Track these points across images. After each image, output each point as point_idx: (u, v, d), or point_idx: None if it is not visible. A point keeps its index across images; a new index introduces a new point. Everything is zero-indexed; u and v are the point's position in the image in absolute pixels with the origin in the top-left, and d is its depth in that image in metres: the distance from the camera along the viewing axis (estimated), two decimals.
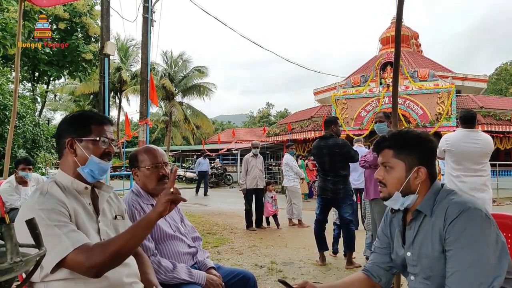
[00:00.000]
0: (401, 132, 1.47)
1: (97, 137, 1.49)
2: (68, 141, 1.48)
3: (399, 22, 3.09)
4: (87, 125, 1.50)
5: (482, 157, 3.83)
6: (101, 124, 1.52)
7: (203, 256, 2.13)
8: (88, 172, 1.48)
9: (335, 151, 4.51)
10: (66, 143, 1.48)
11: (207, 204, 11.59)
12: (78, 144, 1.48)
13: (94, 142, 1.49)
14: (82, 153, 1.47)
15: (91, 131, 1.49)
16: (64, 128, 1.52)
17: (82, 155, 1.47)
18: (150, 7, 9.73)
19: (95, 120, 1.52)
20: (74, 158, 1.48)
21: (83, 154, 1.47)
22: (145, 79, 9.57)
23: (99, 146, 1.49)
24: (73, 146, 1.48)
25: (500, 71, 40.47)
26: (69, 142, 1.48)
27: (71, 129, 1.50)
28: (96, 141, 1.49)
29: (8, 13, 9.10)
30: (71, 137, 1.48)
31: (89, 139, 1.48)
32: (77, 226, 1.38)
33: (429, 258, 1.35)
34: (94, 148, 1.48)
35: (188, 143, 36.86)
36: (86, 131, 1.49)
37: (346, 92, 16.60)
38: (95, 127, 1.50)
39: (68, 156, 1.49)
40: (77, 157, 1.48)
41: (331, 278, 4.07)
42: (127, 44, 28.55)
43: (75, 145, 1.48)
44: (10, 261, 0.68)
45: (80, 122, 1.51)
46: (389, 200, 1.45)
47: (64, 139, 1.49)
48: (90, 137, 1.48)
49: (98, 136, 1.49)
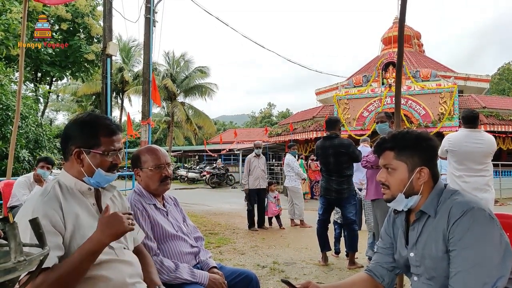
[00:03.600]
0: (401, 133, 1.46)
1: (105, 150, 1.45)
2: (75, 151, 1.44)
3: (402, 22, 3.09)
4: (97, 136, 1.45)
5: (485, 157, 3.82)
6: (111, 135, 1.48)
7: (206, 256, 2.13)
8: (94, 183, 1.47)
9: (341, 151, 4.50)
10: (73, 152, 1.44)
11: (209, 204, 11.59)
12: (86, 155, 1.44)
13: (102, 155, 1.45)
14: (89, 165, 1.44)
15: (100, 143, 1.45)
16: (72, 133, 1.47)
17: (89, 166, 1.45)
18: (152, 8, 9.73)
19: (105, 131, 1.47)
20: (80, 168, 1.45)
21: (90, 165, 1.44)
22: (147, 79, 9.58)
23: (106, 159, 1.46)
24: (80, 156, 1.45)
25: (502, 71, 40.33)
26: (76, 153, 1.44)
27: (79, 137, 1.45)
28: (105, 154, 1.45)
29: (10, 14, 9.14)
30: (79, 147, 1.44)
31: (97, 152, 1.44)
32: (77, 228, 1.37)
33: (433, 258, 1.34)
34: (101, 161, 1.45)
35: (190, 143, 36.89)
36: (95, 142, 1.45)
37: (348, 92, 16.58)
38: (104, 139, 1.46)
39: (74, 164, 1.46)
40: (84, 167, 1.45)
41: (333, 278, 4.06)
42: (129, 45, 28.61)
43: (82, 156, 1.44)
44: (14, 261, 0.69)
45: (90, 132, 1.45)
46: (393, 202, 1.45)
47: (71, 145, 1.45)
48: (98, 150, 1.45)
49: (106, 148, 1.45)
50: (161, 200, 2.12)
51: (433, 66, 19.58)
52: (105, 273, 1.39)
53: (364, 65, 23.69)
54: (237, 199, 12.48)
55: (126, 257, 1.51)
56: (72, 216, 1.38)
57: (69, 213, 1.37)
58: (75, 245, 1.34)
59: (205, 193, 16.49)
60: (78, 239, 1.36)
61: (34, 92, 14.19)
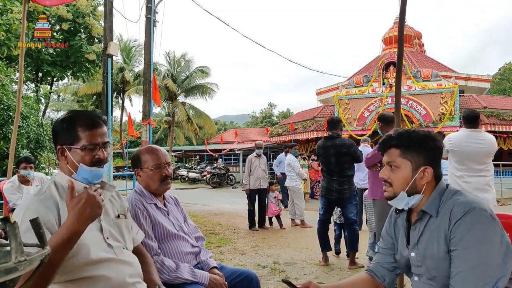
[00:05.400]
0: (408, 132, 1.46)
1: (85, 145, 1.43)
2: (58, 149, 1.45)
3: (402, 22, 3.09)
4: (74, 131, 1.44)
5: (486, 157, 3.81)
6: (89, 129, 1.45)
7: (206, 256, 2.13)
8: (82, 179, 1.46)
9: (342, 151, 4.49)
10: (58, 150, 1.46)
11: (210, 204, 11.59)
12: (68, 152, 1.44)
13: (82, 150, 1.43)
14: (72, 161, 1.44)
15: (79, 138, 1.43)
16: (55, 133, 1.48)
17: (72, 163, 1.44)
18: (153, 8, 9.74)
19: (83, 126, 1.44)
20: (67, 165, 1.46)
21: (72, 162, 1.44)
22: (148, 79, 9.59)
23: (87, 153, 1.44)
24: (64, 153, 1.45)
25: (503, 71, 40.29)
26: (59, 150, 1.45)
27: (61, 135, 1.46)
28: (84, 149, 1.43)
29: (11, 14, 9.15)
30: (61, 145, 1.45)
31: (76, 147, 1.43)
32: None
33: (434, 258, 1.34)
34: (82, 156, 1.43)
35: (191, 143, 36.89)
36: (73, 138, 1.43)
37: (349, 92, 16.57)
38: (83, 133, 1.44)
39: (62, 162, 1.47)
40: (69, 164, 1.45)
41: (334, 279, 4.06)
42: (130, 45, 28.62)
43: (65, 153, 1.45)
44: (15, 260, 0.69)
45: (68, 128, 1.44)
46: (394, 199, 1.45)
47: (56, 144, 1.47)
48: (77, 146, 1.43)
49: (86, 142, 1.43)
50: (162, 200, 2.12)
51: (434, 66, 19.56)
52: (105, 272, 1.39)
53: (365, 65, 23.68)
54: (237, 199, 12.48)
55: (125, 257, 1.50)
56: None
57: (65, 212, 1.37)
58: None
59: (205, 193, 16.49)
60: None
61: (35, 92, 14.20)
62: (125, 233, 1.59)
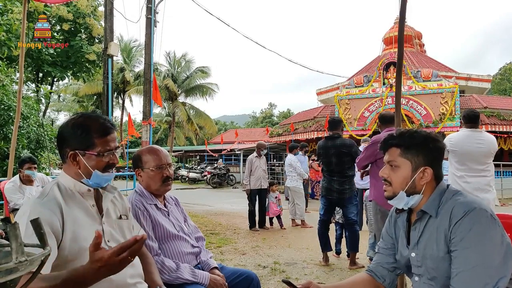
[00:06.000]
0: (410, 131, 1.46)
1: (100, 151, 1.44)
2: (70, 154, 1.43)
3: (402, 22, 3.09)
4: (91, 137, 1.44)
5: (486, 157, 3.81)
6: (105, 135, 1.46)
7: (207, 256, 2.13)
8: (93, 184, 1.47)
9: (343, 151, 4.49)
10: (68, 155, 1.44)
11: (210, 204, 11.60)
12: (81, 157, 1.43)
13: (98, 156, 1.44)
14: (85, 166, 1.44)
15: (95, 145, 1.44)
16: (66, 136, 1.46)
17: (85, 168, 1.44)
18: (153, 8, 9.75)
19: (99, 132, 1.45)
20: (77, 170, 1.45)
21: (86, 167, 1.44)
22: (148, 79, 9.59)
23: (102, 159, 1.45)
24: (76, 158, 1.44)
25: (504, 71, 40.25)
26: (71, 155, 1.43)
27: (73, 139, 1.44)
28: (100, 155, 1.44)
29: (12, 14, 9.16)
30: (73, 150, 1.43)
31: (92, 153, 1.43)
32: (77, 231, 1.37)
33: (434, 258, 1.34)
34: (97, 162, 1.44)
35: (191, 143, 36.91)
36: (88, 144, 1.43)
37: (349, 92, 16.56)
38: (99, 140, 1.44)
39: (71, 166, 1.46)
40: (81, 169, 1.44)
41: (334, 279, 4.06)
42: (130, 45, 28.68)
43: (78, 158, 1.44)
44: (16, 261, 0.69)
45: (83, 133, 1.44)
46: (394, 199, 1.45)
47: (66, 148, 1.45)
48: (93, 151, 1.43)
49: (101, 149, 1.44)
50: (162, 200, 2.12)
51: (435, 66, 19.54)
52: None
53: (365, 65, 23.66)
54: (238, 199, 12.48)
55: None
56: (72, 219, 1.38)
57: (69, 216, 1.37)
58: (76, 247, 1.34)
59: (206, 193, 16.50)
60: (79, 241, 1.35)
61: (35, 92, 14.22)
62: (127, 234, 1.59)
